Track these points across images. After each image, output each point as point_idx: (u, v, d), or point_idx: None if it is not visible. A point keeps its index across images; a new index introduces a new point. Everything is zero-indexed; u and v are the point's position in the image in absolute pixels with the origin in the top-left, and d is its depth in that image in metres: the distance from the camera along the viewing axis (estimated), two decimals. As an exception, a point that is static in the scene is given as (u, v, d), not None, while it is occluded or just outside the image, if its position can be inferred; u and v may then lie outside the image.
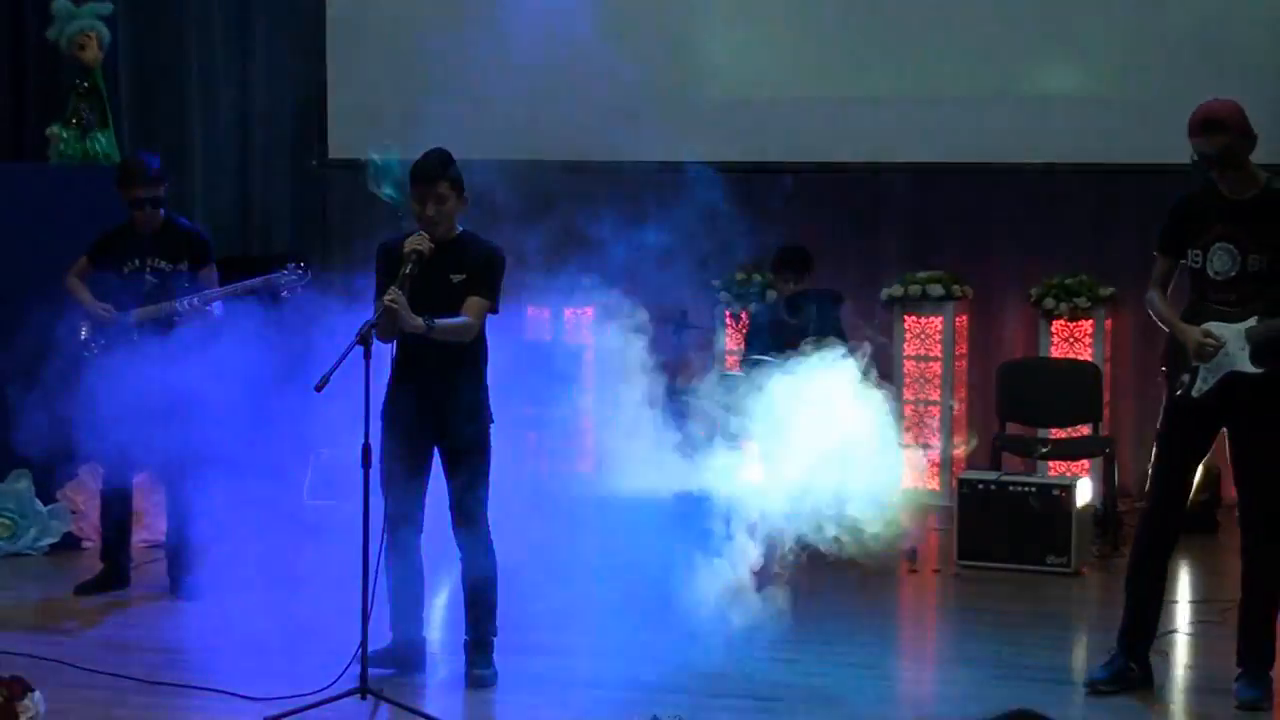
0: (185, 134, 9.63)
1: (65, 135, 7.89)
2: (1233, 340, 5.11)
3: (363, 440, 5.01)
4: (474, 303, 5.28)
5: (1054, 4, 8.49)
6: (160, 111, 9.63)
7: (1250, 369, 5.09)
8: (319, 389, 4.89)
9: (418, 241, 5.21)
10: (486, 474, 5.39)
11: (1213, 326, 5.15)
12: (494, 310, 5.38)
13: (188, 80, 9.68)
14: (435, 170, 5.27)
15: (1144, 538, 5.40)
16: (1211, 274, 5.16)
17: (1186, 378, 5.20)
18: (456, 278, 5.29)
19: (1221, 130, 5.05)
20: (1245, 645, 5.25)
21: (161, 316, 6.41)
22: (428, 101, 9.09)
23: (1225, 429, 5.24)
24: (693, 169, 9.29)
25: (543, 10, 9.07)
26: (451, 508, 5.37)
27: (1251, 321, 5.09)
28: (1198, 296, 5.26)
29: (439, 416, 5.28)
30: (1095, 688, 5.28)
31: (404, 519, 5.31)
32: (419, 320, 5.11)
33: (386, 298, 5.07)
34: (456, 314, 5.25)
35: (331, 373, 4.90)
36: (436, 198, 5.25)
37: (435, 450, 5.37)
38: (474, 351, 5.35)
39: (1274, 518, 5.16)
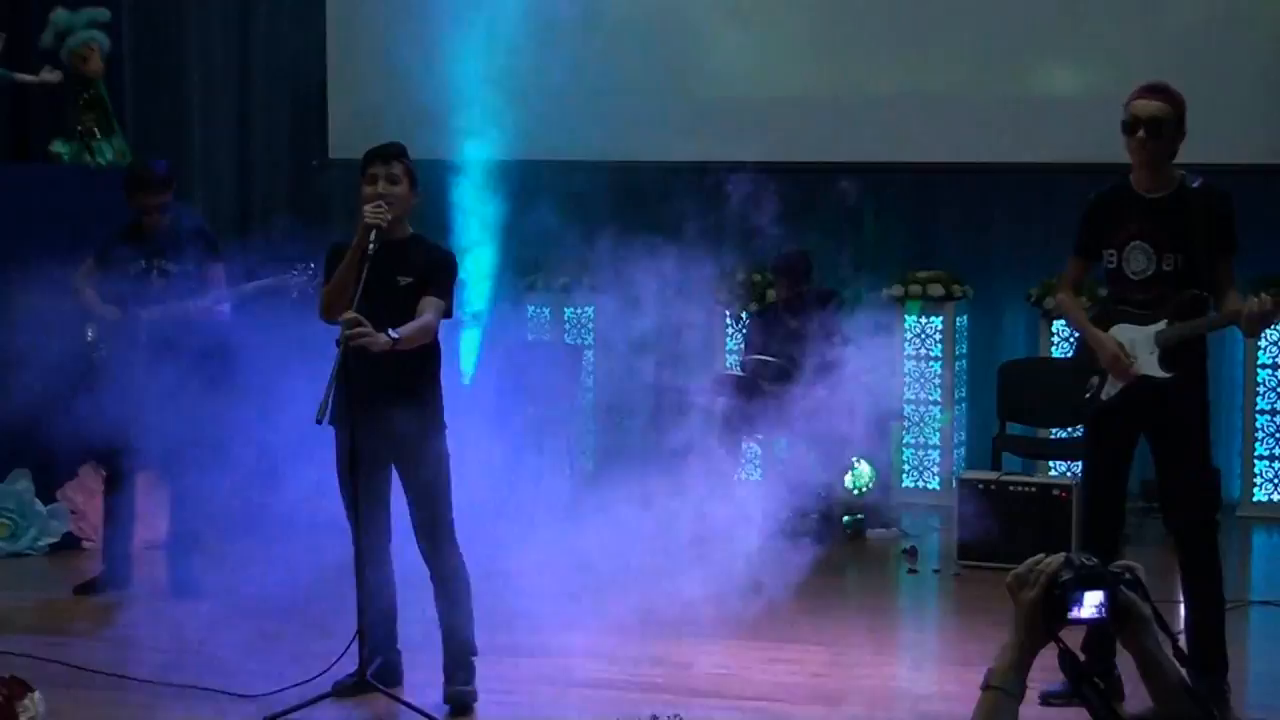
0: (185, 134, 9.63)
1: (66, 150, 7.87)
2: (1141, 344, 5.00)
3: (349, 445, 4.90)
4: (430, 301, 4.97)
5: (1054, 4, 8.50)
6: (161, 111, 9.63)
7: (1159, 374, 4.97)
8: (320, 421, 4.66)
9: (375, 214, 4.92)
10: (445, 485, 5.08)
11: (1122, 330, 5.04)
12: (449, 314, 5.10)
13: (188, 80, 9.68)
14: (392, 150, 5.08)
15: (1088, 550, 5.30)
16: (1129, 274, 5.02)
17: (1096, 380, 5.12)
18: (404, 280, 4.99)
19: (1165, 96, 4.97)
20: (1194, 652, 4.98)
21: (169, 318, 6.41)
22: (428, 102, 9.11)
23: (1142, 432, 5.12)
24: (693, 169, 9.31)
25: (542, 11, 9.08)
26: (413, 524, 5.09)
27: (1161, 325, 4.96)
28: (1110, 296, 5.15)
29: (388, 428, 4.94)
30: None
31: (367, 527, 5.03)
32: (385, 338, 4.78)
33: (346, 327, 4.73)
34: (407, 318, 4.92)
35: (327, 400, 4.68)
36: (389, 176, 5.00)
37: (389, 463, 5.09)
38: (424, 357, 5.04)
39: (1200, 503, 5.03)
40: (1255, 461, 8.48)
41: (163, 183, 6.52)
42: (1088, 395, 5.16)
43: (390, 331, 4.82)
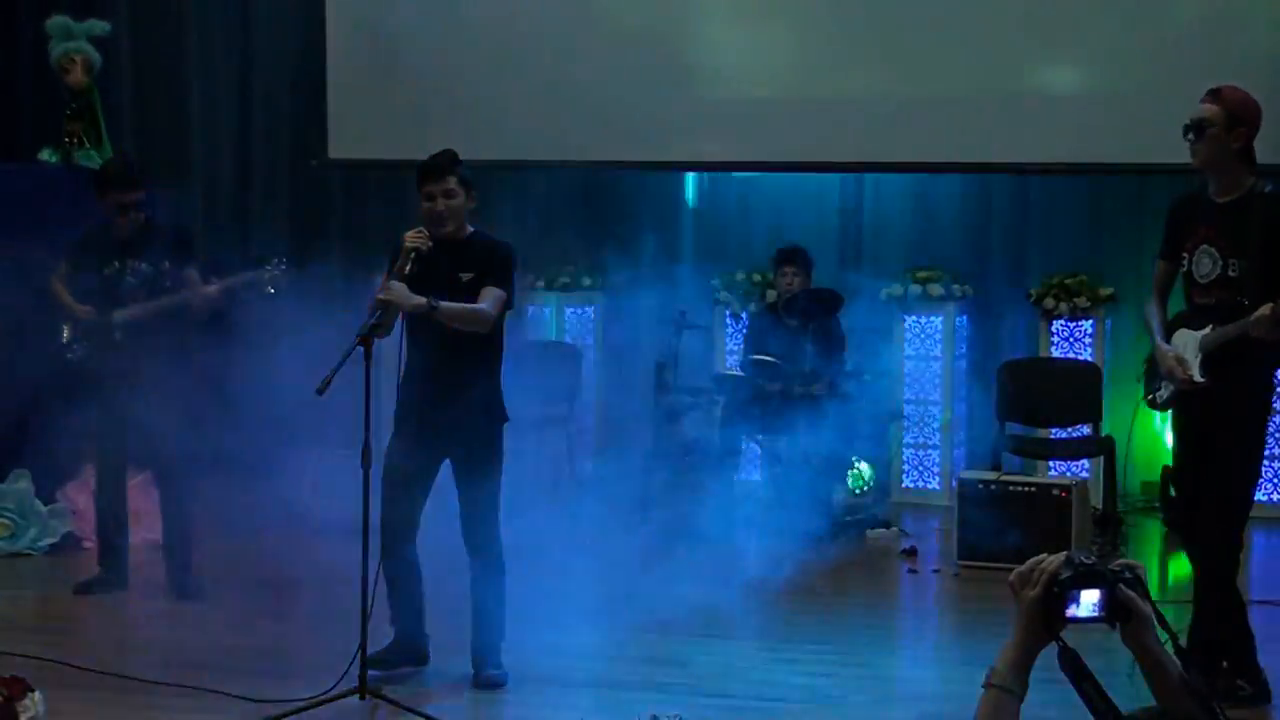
0: (185, 135, 9.63)
1: (54, 158, 7.87)
2: (1191, 349, 4.99)
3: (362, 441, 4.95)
4: (490, 291, 5.18)
5: (1053, 4, 8.49)
6: (161, 113, 9.63)
7: (1199, 380, 4.95)
8: (321, 391, 4.80)
9: (416, 238, 5.13)
10: (497, 480, 5.30)
11: (1180, 334, 5.05)
12: (510, 304, 5.28)
13: (188, 80, 9.68)
14: (445, 166, 5.25)
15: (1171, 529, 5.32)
16: (1197, 277, 5.02)
17: (1159, 385, 5.15)
18: (465, 276, 5.20)
19: (1215, 97, 4.93)
20: (1192, 650, 4.81)
21: (144, 317, 6.38)
22: (428, 102, 9.12)
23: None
24: (693, 169, 9.32)
25: (541, 11, 9.09)
26: (461, 513, 5.29)
27: (1207, 330, 4.95)
28: (1186, 299, 5.14)
29: (449, 420, 5.18)
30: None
31: (399, 523, 5.21)
32: (421, 299, 5.02)
33: (379, 292, 5.04)
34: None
35: (333, 375, 4.83)
36: (446, 193, 5.21)
37: (444, 455, 5.27)
38: (486, 349, 5.26)
39: (1222, 513, 5.01)
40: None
41: (133, 181, 6.45)
42: (1148, 398, 5.20)
43: (432, 300, 5.03)
